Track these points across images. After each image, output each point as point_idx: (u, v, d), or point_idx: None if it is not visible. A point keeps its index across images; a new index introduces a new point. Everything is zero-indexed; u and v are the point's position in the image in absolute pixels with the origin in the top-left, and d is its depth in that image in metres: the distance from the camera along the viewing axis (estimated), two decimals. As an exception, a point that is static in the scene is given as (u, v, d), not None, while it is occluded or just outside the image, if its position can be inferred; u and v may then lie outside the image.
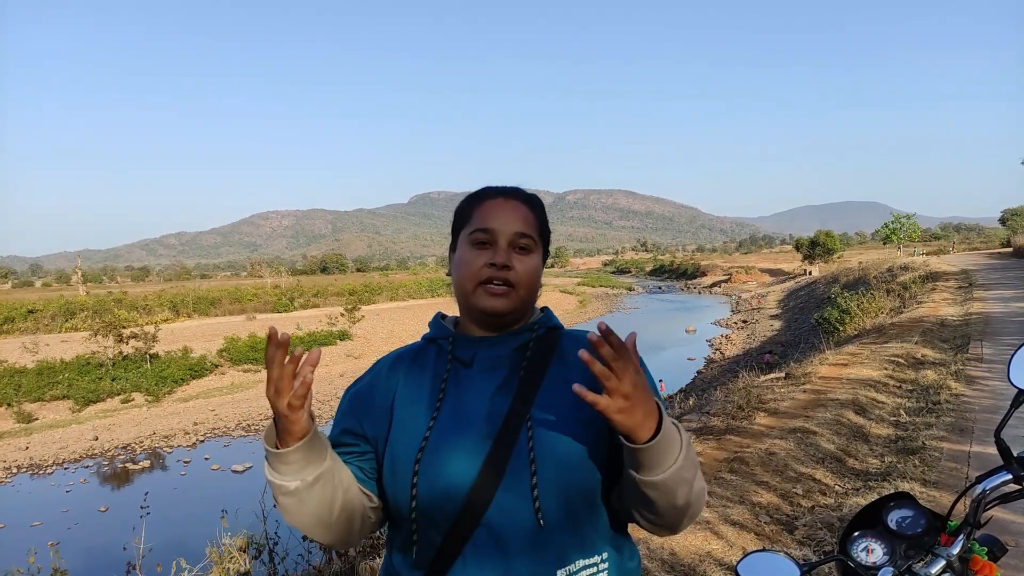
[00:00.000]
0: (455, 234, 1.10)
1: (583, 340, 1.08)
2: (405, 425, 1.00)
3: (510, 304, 1.01)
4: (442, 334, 1.09)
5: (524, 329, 1.07)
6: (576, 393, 0.82)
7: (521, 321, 1.07)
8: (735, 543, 3.26)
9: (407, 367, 1.07)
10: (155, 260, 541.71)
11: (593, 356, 0.81)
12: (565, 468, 0.93)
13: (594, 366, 0.80)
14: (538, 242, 1.06)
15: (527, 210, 1.06)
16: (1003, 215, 54.89)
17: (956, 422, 5.26)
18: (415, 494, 0.94)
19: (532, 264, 1.03)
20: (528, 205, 1.07)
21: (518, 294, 1.01)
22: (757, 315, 33.91)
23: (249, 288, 63.57)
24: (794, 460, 4.54)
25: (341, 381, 24.95)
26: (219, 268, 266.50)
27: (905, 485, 3.88)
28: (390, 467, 0.99)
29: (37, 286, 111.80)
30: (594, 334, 0.82)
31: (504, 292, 1.00)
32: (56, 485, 15.06)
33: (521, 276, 1.01)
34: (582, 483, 0.95)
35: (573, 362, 1.03)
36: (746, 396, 6.68)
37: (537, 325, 1.08)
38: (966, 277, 19.46)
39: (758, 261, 77.68)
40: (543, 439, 0.94)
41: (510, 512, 0.91)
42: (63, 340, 32.93)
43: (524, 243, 1.03)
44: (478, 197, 1.08)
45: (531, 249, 1.04)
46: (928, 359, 7.99)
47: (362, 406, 1.06)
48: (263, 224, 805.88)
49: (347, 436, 1.05)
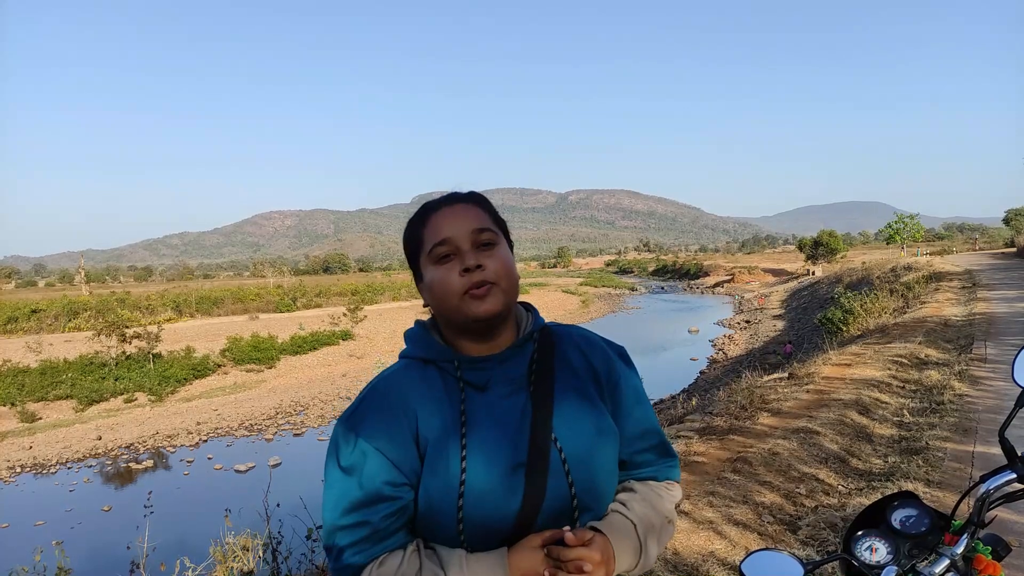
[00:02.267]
0: (415, 263, 1.05)
1: (577, 338, 1.10)
2: (436, 469, 0.94)
3: (498, 303, 0.97)
4: (443, 356, 1.01)
5: (524, 339, 1.03)
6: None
7: (509, 319, 1.03)
8: (738, 543, 3.25)
9: (419, 396, 0.99)
10: (158, 260, 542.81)
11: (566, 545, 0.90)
12: (592, 478, 0.98)
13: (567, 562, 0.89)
14: (498, 232, 1.02)
15: (473, 207, 1.03)
16: (1007, 215, 54.72)
17: (960, 422, 5.25)
18: (463, 539, 0.93)
19: (502, 255, 1.00)
20: (471, 202, 1.04)
21: (501, 288, 0.97)
22: (760, 315, 33.87)
23: (252, 288, 63.65)
24: (797, 460, 4.54)
25: (344, 381, 24.98)
26: (222, 268, 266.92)
27: (909, 485, 3.87)
28: (427, 509, 0.94)
29: (40, 286, 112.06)
30: (571, 536, 0.89)
31: (487, 291, 0.96)
32: (60, 485, 15.12)
33: (497, 270, 0.97)
34: (604, 487, 1.02)
35: (577, 366, 1.05)
36: (749, 396, 6.68)
37: (534, 333, 1.05)
38: (970, 277, 19.42)
39: (761, 261, 77.60)
40: (573, 455, 0.97)
41: (554, 521, 0.95)
42: (66, 340, 33.03)
43: (485, 238, 0.99)
44: (420, 217, 1.05)
45: (494, 242, 1.00)
46: (932, 359, 7.97)
47: (392, 444, 0.95)
48: (266, 224, 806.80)
49: (389, 488, 0.93)
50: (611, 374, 1.07)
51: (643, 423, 1.08)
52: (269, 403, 22.04)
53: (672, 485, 1.12)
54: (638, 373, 1.13)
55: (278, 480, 13.01)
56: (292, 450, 16.98)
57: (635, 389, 1.10)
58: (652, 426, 1.10)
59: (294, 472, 14.42)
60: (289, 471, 14.75)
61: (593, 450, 0.98)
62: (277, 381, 25.64)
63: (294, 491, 4.11)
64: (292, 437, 18.29)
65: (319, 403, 21.82)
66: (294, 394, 23.26)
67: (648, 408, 1.11)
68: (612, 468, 1.03)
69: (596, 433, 0.99)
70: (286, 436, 18.42)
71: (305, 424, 19.45)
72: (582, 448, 0.97)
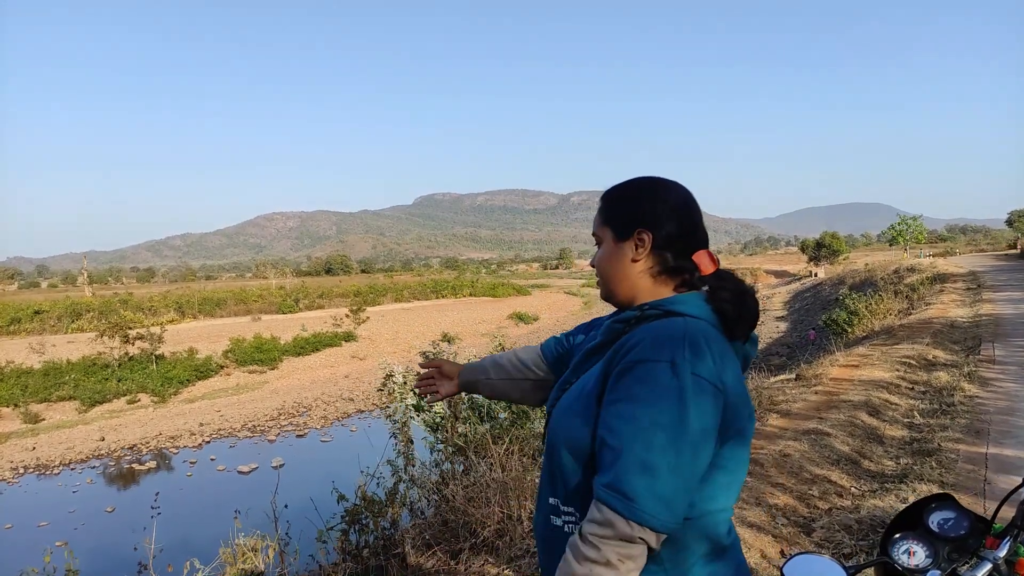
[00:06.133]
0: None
1: (641, 333, 1.05)
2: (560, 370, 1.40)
3: (601, 292, 1.21)
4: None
5: (616, 318, 1.19)
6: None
7: (622, 304, 1.19)
8: (753, 545, 3.22)
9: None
10: (161, 261, 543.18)
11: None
12: (558, 420, 1.11)
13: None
14: (603, 231, 1.19)
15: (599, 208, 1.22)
16: (1010, 216, 54.55)
17: (971, 424, 5.20)
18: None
19: (598, 256, 1.21)
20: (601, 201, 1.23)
21: (600, 282, 1.21)
22: (763, 316, 33.82)
23: (254, 289, 63.80)
24: (809, 462, 4.50)
25: (346, 382, 24.97)
26: (224, 269, 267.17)
27: (923, 487, 3.84)
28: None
29: (43, 287, 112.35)
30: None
31: (598, 283, 1.22)
32: (63, 486, 15.10)
33: (597, 269, 1.21)
34: (565, 435, 1.08)
35: (612, 352, 1.11)
36: (757, 397, 6.64)
37: (630, 318, 1.16)
38: (974, 279, 19.35)
39: (763, 263, 77.54)
40: (562, 400, 1.15)
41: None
42: (69, 341, 33.08)
43: (596, 241, 1.22)
44: None
45: (599, 244, 1.21)
46: (940, 360, 7.92)
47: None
48: (268, 225, 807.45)
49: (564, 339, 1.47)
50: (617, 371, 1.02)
51: (600, 427, 0.99)
52: (272, 404, 22.02)
53: (587, 524, 0.96)
54: (657, 386, 0.96)
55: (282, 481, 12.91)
56: (295, 451, 16.96)
57: (616, 392, 0.99)
58: (602, 437, 0.98)
59: (297, 473, 14.40)
60: (293, 472, 14.74)
61: (563, 408, 1.12)
62: (280, 382, 25.63)
63: (298, 492, 4.09)
64: (295, 438, 18.26)
65: (322, 404, 21.80)
66: (297, 395, 23.25)
67: (613, 416, 0.97)
68: (575, 435, 1.05)
69: (577, 392, 1.10)
70: (289, 437, 18.40)
71: (308, 425, 19.42)
72: (561, 402, 1.14)
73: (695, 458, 0.94)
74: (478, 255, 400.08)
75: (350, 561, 3.31)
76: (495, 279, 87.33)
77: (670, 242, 1.12)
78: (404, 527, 3.66)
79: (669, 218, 1.12)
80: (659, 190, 1.15)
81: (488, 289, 66.77)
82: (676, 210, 1.13)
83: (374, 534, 3.46)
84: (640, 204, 1.14)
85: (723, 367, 0.99)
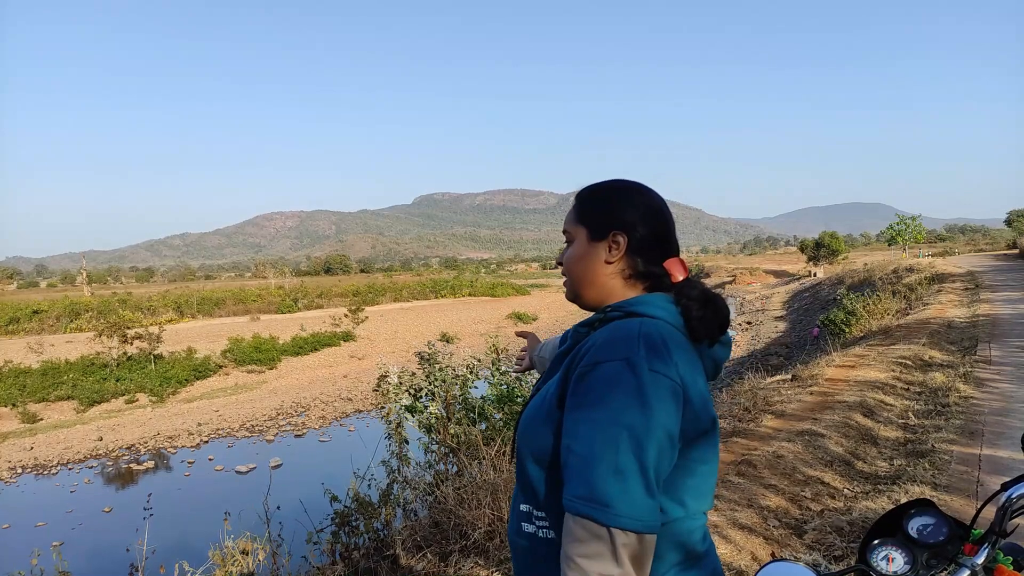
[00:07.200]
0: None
1: (598, 336, 1.03)
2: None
3: (567, 293, 1.22)
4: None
5: (585, 323, 1.19)
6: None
7: (590, 305, 1.19)
8: (743, 547, 3.21)
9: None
10: (159, 261, 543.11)
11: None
12: (524, 427, 1.09)
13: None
14: (575, 229, 1.17)
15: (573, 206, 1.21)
16: (1009, 216, 54.54)
17: (966, 425, 5.20)
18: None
19: (568, 255, 1.18)
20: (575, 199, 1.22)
21: (569, 282, 1.19)
22: (761, 316, 33.79)
23: (253, 289, 63.75)
24: (802, 463, 4.50)
25: (345, 382, 24.96)
26: (223, 269, 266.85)
27: (915, 488, 3.83)
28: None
29: (42, 287, 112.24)
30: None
31: (565, 283, 1.21)
32: (60, 486, 15.08)
33: (566, 268, 1.19)
34: (531, 443, 1.05)
35: (572, 357, 1.07)
36: (752, 398, 6.63)
37: (595, 321, 1.14)
38: (972, 279, 19.34)
39: (762, 262, 77.49)
40: (528, 407, 1.12)
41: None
42: (68, 341, 33.06)
43: (567, 238, 1.20)
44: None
45: (570, 241, 1.19)
46: (936, 361, 7.91)
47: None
48: (267, 225, 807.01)
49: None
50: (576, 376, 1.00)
51: (564, 434, 0.97)
52: (270, 404, 22.01)
53: (569, 544, 0.91)
54: (606, 390, 0.94)
55: (279, 481, 12.98)
56: (293, 451, 16.95)
57: (576, 396, 0.98)
58: (567, 443, 0.96)
59: (295, 473, 14.40)
60: (290, 472, 14.73)
61: (528, 415, 1.09)
62: (278, 382, 25.61)
63: (294, 493, 4.08)
64: (293, 438, 18.25)
65: (320, 404, 21.79)
66: (295, 395, 23.23)
67: (574, 421, 0.95)
68: (537, 430, 1.04)
69: (542, 397, 1.08)
70: (287, 437, 18.39)
71: (306, 425, 19.41)
72: (527, 410, 1.11)
73: (661, 453, 0.91)
74: (477, 255, 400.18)
75: (341, 563, 3.30)
76: (494, 279, 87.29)
77: (643, 247, 1.11)
78: (397, 529, 3.65)
79: (644, 223, 1.11)
80: (635, 194, 1.14)
81: (487, 289, 66.78)
82: (652, 216, 1.13)
83: (366, 536, 3.46)
84: (617, 206, 1.13)
85: (682, 366, 0.96)
